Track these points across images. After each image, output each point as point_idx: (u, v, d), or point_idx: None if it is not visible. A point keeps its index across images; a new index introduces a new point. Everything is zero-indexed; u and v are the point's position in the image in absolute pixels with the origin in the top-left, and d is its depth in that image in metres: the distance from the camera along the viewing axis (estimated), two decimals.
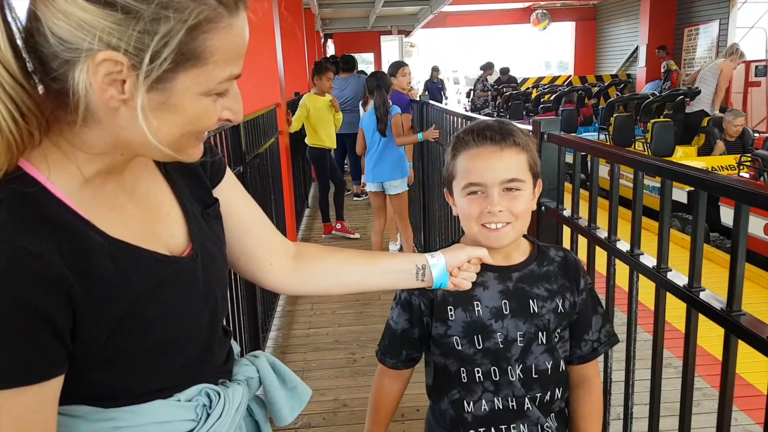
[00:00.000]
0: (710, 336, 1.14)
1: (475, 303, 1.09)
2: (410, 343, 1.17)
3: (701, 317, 1.04)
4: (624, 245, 1.32)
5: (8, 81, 0.57)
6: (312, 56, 9.48)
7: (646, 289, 1.22)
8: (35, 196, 0.60)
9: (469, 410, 1.12)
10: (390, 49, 12.36)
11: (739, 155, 5.39)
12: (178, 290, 0.72)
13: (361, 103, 4.68)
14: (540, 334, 1.10)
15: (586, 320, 1.15)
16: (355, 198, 6.65)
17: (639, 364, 1.36)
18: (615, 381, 1.41)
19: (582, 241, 1.52)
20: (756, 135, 6.13)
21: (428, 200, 3.91)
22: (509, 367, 1.10)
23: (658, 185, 1.17)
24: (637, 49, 12.53)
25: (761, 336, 0.88)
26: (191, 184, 0.80)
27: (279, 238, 0.95)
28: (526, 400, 1.10)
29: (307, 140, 4.99)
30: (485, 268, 1.08)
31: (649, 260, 1.22)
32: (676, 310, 1.16)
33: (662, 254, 1.16)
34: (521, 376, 1.10)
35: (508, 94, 11.41)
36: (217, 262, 0.80)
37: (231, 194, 0.88)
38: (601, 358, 1.42)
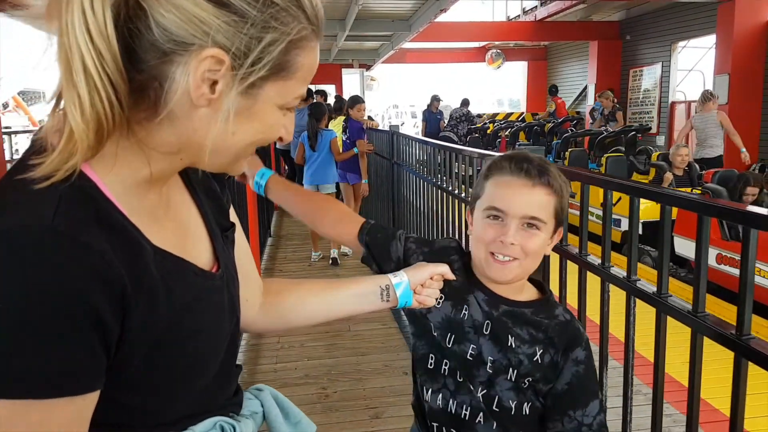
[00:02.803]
0: (674, 363, 1.18)
1: (464, 306, 1.07)
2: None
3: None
4: (618, 271, 1.34)
5: (110, 64, 0.55)
6: None
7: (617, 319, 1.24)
8: (91, 192, 0.58)
9: (427, 399, 1.09)
10: (351, 81, 12.52)
11: (689, 188, 5.65)
12: (211, 307, 0.71)
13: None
14: (511, 370, 1.05)
15: (580, 397, 1.05)
16: None
17: (610, 392, 1.38)
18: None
19: (571, 269, 1.53)
20: (702, 171, 6.45)
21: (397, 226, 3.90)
22: (469, 382, 1.06)
23: (618, 217, 1.22)
24: (586, 88, 13.10)
25: None
26: (214, 206, 0.79)
27: (257, 274, 0.95)
28: (482, 414, 1.06)
29: None
30: (477, 286, 1.06)
31: (647, 286, 1.24)
32: (643, 337, 1.20)
33: (662, 280, 1.18)
34: (481, 400, 1.06)
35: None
36: (236, 283, 0.79)
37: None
38: None
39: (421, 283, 1.00)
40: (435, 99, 12.37)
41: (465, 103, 11.90)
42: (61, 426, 0.55)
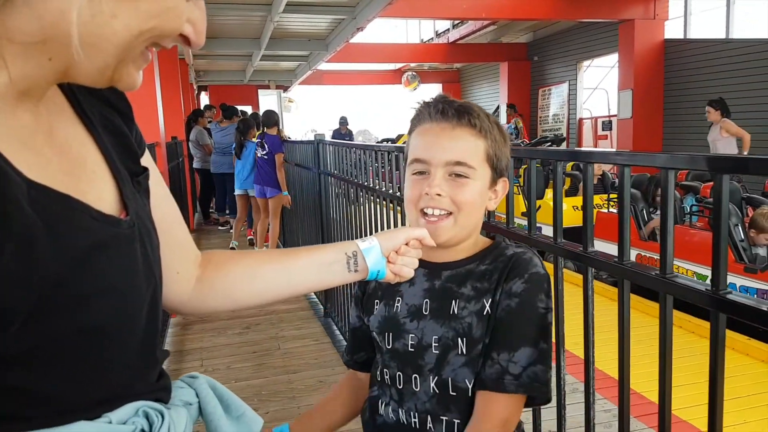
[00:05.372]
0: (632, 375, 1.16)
1: (397, 298, 0.98)
2: (365, 341, 1.08)
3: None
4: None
5: None
6: (187, 107, 9.12)
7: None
8: None
9: (381, 413, 1.00)
10: (268, 103, 12.27)
11: (606, 195, 5.92)
12: (118, 259, 0.55)
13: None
14: (459, 340, 0.91)
15: (507, 336, 0.89)
16: (220, 227, 7.81)
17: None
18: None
19: None
20: (615, 179, 6.79)
21: (327, 241, 3.75)
22: (416, 375, 0.94)
23: (540, 225, 1.17)
24: (498, 107, 13.62)
25: (759, 308, 0.83)
26: (117, 144, 0.63)
27: (191, 243, 0.79)
28: (429, 418, 0.93)
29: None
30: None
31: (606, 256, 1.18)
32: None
33: (624, 247, 1.12)
34: (436, 390, 0.93)
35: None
36: (153, 239, 0.63)
37: (150, 179, 0.69)
38: None
39: (395, 250, 0.84)
40: (342, 122, 12.84)
41: (343, 122, 12.25)
42: None
